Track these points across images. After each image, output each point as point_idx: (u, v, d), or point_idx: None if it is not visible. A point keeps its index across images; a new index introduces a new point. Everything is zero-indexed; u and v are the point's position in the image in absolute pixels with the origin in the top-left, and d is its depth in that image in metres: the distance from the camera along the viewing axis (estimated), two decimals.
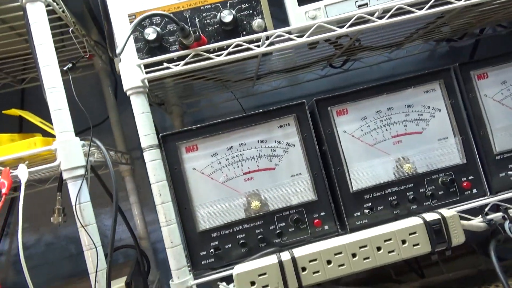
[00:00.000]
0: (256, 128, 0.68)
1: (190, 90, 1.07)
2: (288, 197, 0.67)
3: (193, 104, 1.11)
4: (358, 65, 1.10)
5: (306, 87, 1.12)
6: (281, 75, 1.07)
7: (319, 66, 1.06)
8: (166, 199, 0.62)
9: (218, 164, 0.67)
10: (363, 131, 0.69)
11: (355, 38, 0.79)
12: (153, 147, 0.63)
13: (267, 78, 1.05)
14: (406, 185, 0.68)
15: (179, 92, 1.05)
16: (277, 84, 1.10)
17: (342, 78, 1.12)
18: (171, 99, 1.02)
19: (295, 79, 1.10)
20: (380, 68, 1.15)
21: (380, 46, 1.01)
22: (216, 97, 1.11)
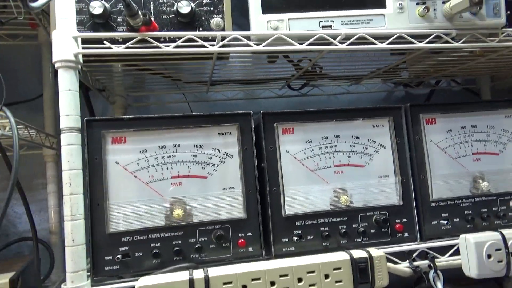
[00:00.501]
0: (194, 131, 0.63)
1: (140, 83, 1.01)
2: (215, 210, 0.62)
3: (141, 98, 1.04)
4: (316, 92, 1.09)
5: (261, 104, 1.09)
6: (237, 87, 1.03)
7: (277, 84, 1.03)
8: (76, 191, 0.55)
9: (145, 162, 0.61)
10: (306, 155, 0.66)
11: (315, 60, 0.77)
12: (74, 130, 0.55)
13: (223, 86, 1.01)
14: (340, 217, 0.66)
15: (127, 83, 0.98)
16: (232, 95, 1.06)
17: (298, 102, 1.10)
18: (116, 88, 0.95)
19: (251, 93, 1.07)
20: (338, 99, 1.14)
21: (340, 76, 1.01)
22: (166, 96, 1.05)
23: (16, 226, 0.99)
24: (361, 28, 0.65)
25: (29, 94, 0.96)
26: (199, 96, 1.06)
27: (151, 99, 1.06)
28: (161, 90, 1.04)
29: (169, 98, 1.05)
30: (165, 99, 1.05)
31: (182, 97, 1.05)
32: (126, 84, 0.98)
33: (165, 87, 1.02)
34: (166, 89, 1.03)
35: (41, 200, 0.97)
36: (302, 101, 1.11)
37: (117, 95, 0.96)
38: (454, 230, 0.68)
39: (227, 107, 1.08)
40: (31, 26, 0.91)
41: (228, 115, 0.64)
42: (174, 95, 1.05)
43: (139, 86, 1.02)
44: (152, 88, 1.04)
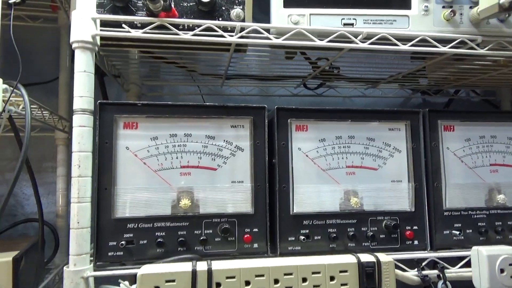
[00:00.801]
0: (207, 121, 0.62)
1: (156, 72, 1.01)
2: (223, 203, 0.61)
3: (155, 88, 1.04)
4: (331, 93, 1.08)
5: (275, 102, 1.08)
6: (253, 82, 1.02)
7: (293, 82, 1.02)
8: (84, 173, 0.54)
9: (155, 150, 0.60)
10: (319, 153, 0.65)
11: (334, 59, 0.75)
12: (86, 112, 0.55)
13: (238, 81, 1.00)
14: (349, 220, 0.64)
15: (142, 71, 0.98)
16: (247, 91, 1.05)
17: (313, 102, 1.09)
18: (131, 76, 0.94)
19: (266, 90, 1.06)
20: (353, 102, 1.13)
21: (357, 78, 0.99)
22: (180, 87, 1.04)
23: (24, 207, 0.99)
24: (384, 28, 0.64)
25: (45, 77, 0.97)
26: (213, 89, 1.05)
27: (165, 89, 1.05)
28: (175, 81, 1.03)
29: (183, 89, 1.04)
30: (179, 91, 1.05)
31: (196, 89, 1.04)
32: (141, 72, 0.97)
33: (180, 77, 1.01)
34: (181, 80, 1.03)
35: (50, 183, 0.98)
36: (317, 101, 1.09)
37: (131, 83, 0.95)
38: (466, 242, 0.66)
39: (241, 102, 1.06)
40: (51, 8, 0.91)
41: (242, 107, 0.63)
42: (188, 87, 1.04)
43: (154, 75, 1.02)
44: (166, 78, 1.04)
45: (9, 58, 0.93)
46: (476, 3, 0.64)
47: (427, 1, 0.64)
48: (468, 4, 0.65)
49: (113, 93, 1.02)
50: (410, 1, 0.64)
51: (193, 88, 1.05)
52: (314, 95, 1.07)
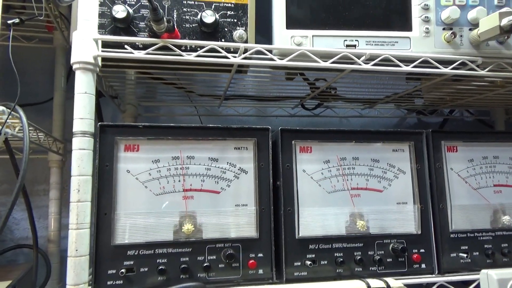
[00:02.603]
0: (210, 143, 0.61)
1: (152, 93, 0.99)
2: (226, 228, 0.59)
3: (151, 109, 1.02)
4: (329, 113, 1.08)
5: (272, 122, 1.07)
6: (250, 103, 1.02)
7: (291, 103, 1.02)
8: (84, 198, 0.52)
9: (157, 173, 0.58)
10: (323, 175, 0.64)
11: (335, 80, 0.75)
12: (87, 134, 0.53)
13: (235, 101, 1.00)
14: (355, 243, 0.63)
15: (139, 92, 0.96)
16: (243, 111, 1.04)
17: (310, 123, 1.09)
18: (128, 96, 0.93)
19: (263, 110, 1.06)
20: (350, 122, 1.13)
21: (355, 99, 1.00)
22: (177, 108, 1.03)
23: (13, 232, 0.95)
24: (386, 50, 0.64)
25: (39, 97, 0.95)
26: (211, 110, 1.04)
27: (162, 110, 1.04)
28: (172, 101, 1.02)
29: (179, 110, 1.03)
30: (176, 111, 1.04)
31: (192, 110, 1.03)
32: (138, 93, 0.96)
33: (177, 98, 1.00)
34: (178, 100, 1.02)
35: (41, 206, 0.94)
36: (314, 122, 1.09)
37: (128, 103, 0.94)
38: (473, 265, 0.65)
39: (238, 123, 1.06)
40: (47, 28, 0.90)
41: (246, 129, 0.62)
42: (185, 108, 1.03)
43: (151, 96, 1.00)
44: (163, 99, 1.03)
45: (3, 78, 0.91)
46: (476, 25, 0.65)
47: (428, 23, 0.65)
48: (467, 26, 0.65)
49: (108, 113, 1.00)
50: (411, 23, 0.65)
51: (189, 109, 1.04)
52: (311, 116, 1.07)
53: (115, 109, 0.99)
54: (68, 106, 0.92)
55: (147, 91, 0.98)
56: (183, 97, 0.99)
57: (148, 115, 1.01)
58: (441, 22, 0.65)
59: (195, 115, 1.03)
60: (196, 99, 1.00)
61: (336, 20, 0.64)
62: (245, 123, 1.06)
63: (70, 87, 0.92)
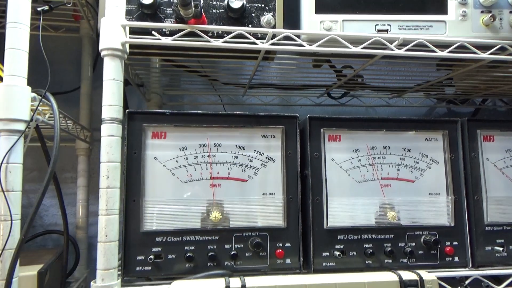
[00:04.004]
0: (237, 131, 0.61)
1: (176, 81, 0.99)
2: (254, 216, 0.59)
3: (175, 98, 1.02)
4: (355, 102, 1.05)
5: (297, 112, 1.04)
6: (275, 92, 1.00)
7: (316, 92, 1.00)
8: (113, 184, 0.52)
9: (184, 160, 0.58)
10: (353, 165, 0.62)
11: (363, 67, 0.73)
12: (115, 121, 0.53)
13: (260, 90, 0.98)
14: (385, 235, 0.61)
15: (163, 81, 0.96)
16: (268, 100, 1.03)
17: (335, 112, 1.06)
18: (153, 85, 0.93)
19: (288, 100, 1.04)
20: (376, 112, 1.10)
21: (382, 87, 0.97)
22: (201, 97, 1.03)
23: (42, 218, 0.97)
24: (420, 34, 0.62)
25: (66, 86, 0.96)
26: (234, 99, 1.03)
27: (185, 99, 1.04)
28: (196, 90, 1.02)
29: (204, 99, 1.03)
30: (200, 100, 1.03)
31: (216, 98, 1.03)
32: (162, 81, 0.96)
33: (201, 87, 1.00)
34: (202, 89, 1.01)
35: (69, 194, 0.96)
36: (339, 111, 1.07)
37: (153, 92, 0.94)
38: (510, 259, 0.63)
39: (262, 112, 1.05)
40: (74, 18, 0.91)
41: (273, 117, 0.62)
42: (209, 97, 1.03)
43: (175, 84, 1.00)
44: (187, 87, 1.03)
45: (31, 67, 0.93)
46: None
47: (465, 6, 0.62)
48: (508, 9, 0.62)
49: (133, 103, 1.01)
50: (447, 6, 0.62)
51: (213, 98, 1.03)
52: (337, 105, 1.04)
53: (140, 99, 1.00)
54: (94, 96, 0.93)
55: (171, 79, 0.98)
56: (207, 86, 0.99)
57: (172, 104, 1.01)
58: (479, 5, 0.62)
59: (219, 104, 1.02)
60: (220, 88, 0.99)
61: (367, 4, 0.62)
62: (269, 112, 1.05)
63: (96, 76, 0.95)
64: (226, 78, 0.94)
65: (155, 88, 0.94)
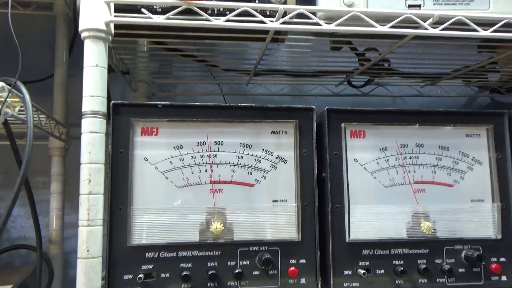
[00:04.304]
0: (242, 126, 0.61)
1: (168, 67, 1.00)
2: (262, 228, 0.60)
3: (167, 87, 1.03)
4: (380, 92, 1.06)
5: (312, 103, 1.06)
6: (285, 79, 1.01)
7: (334, 80, 1.00)
8: (96, 190, 0.53)
9: (179, 161, 0.59)
10: (380, 166, 0.63)
11: (390, 50, 0.73)
12: (99, 114, 0.54)
13: (267, 78, 0.99)
14: (419, 249, 0.62)
15: (153, 67, 0.97)
16: (277, 90, 1.03)
17: (358, 103, 1.07)
18: (140, 72, 0.94)
19: (300, 89, 1.05)
20: (406, 102, 1.11)
21: (413, 74, 0.97)
22: (197, 86, 1.04)
23: (9, 231, 0.98)
24: (459, 10, 0.62)
25: (36, 74, 0.96)
26: (237, 88, 1.04)
27: (179, 88, 1.05)
28: (191, 78, 1.02)
29: (200, 88, 1.04)
30: (196, 90, 1.04)
31: (215, 88, 1.04)
32: (151, 68, 0.97)
33: (197, 74, 1.01)
34: (198, 77, 1.02)
35: (40, 202, 0.97)
36: (362, 102, 1.07)
37: (140, 80, 0.95)
38: None
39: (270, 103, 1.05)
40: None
41: (285, 109, 0.62)
42: (206, 86, 1.03)
43: (166, 71, 1.01)
44: (180, 75, 1.03)
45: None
46: None
47: None
48: None
49: (116, 93, 1.01)
50: None
51: (212, 87, 1.04)
52: (359, 94, 1.05)
53: (125, 89, 1.00)
54: (71, 85, 0.94)
55: (161, 65, 0.98)
56: (204, 73, 1.00)
57: (163, 95, 1.02)
58: None
59: (218, 94, 1.03)
60: (219, 75, 1.00)
61: None
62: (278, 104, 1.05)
63: (73, 62, 0.95)
64: (227, 63, 0.95)
65: (143, 75, 0.95)
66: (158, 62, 0.98)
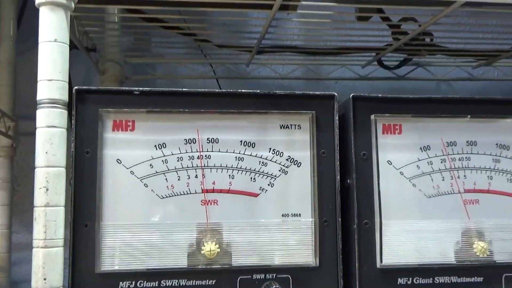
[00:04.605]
0: (243, 119, 0.62)
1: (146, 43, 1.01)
2: (268, 250, 0.60)
3: (144, 68, 1.04)
4: (419, 74, 1.07)
5: (331, 88, 1.07)
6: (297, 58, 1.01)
7: (361, 58, 1.01)
8: (55, 201, 0.53)
9: (163, 164, 0.60)
10: (420, 170, 0.64)
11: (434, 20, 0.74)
12: (58, 104, 0.54)
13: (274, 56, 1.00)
14: (471, 277, 0.63)
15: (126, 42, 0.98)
16: (286, 72, 1.04)
17: (389, 88, 1.08)
18: (110, 49, 0.94)
19: (317, 70, 1.05)
20: (453, 88, 1.11)
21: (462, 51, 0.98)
22: (183, 67, 1.04)
23: None
24: None
25: None
26: (235, 70, 1.04)
27: (159, 70, 1.05)
28: (175, 56, 1.03)
29: (187, 70, 1.04)
30: (181, 72, 1.05)
31: (207, 70, 1.04)
32: (124, 44, 0.98)
33: (183, 52, 1.02)
34: (184, 55, 1.03)
35: None
36: (396, 87, 1.08)
37: (109, 60, 0.95)
38: None
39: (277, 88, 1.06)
40: None
41: (298, 97, 0.63)
42: (195, 67, 1.04)
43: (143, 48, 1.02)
44: (161, 52, 1.04)
45: None
46: None
47: None
48: None
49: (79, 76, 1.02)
50: None
51: (202, 68, 1.05)
52: (393, 78, 1.06)
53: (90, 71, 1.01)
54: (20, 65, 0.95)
55: (137, 40, 0.99)
56: (192, 50, 1.00)
57: (139, 78, 1.02)
58: None
59: (211, 77, 1.04)
60: (212, 53, 1.00)
61: None
62: (287, 88, 1.06)
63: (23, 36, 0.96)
64: (222, 38, 0.95)
65: (113, 53, 0.95)
66: (133, 36, 0.98)
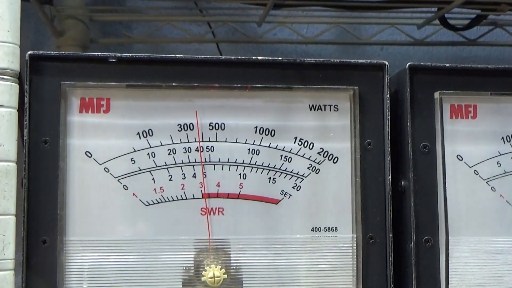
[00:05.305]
0: (257, 97, 0.63)
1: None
2: (293, 276, 0.61)
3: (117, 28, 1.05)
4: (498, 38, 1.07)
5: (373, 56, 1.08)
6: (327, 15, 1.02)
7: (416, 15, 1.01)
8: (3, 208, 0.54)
9: (148, 159, 0.60)
10: (502, 168, 0.64)
11: None
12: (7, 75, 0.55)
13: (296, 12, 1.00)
14: None
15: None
16: (312, 34, 1.04)
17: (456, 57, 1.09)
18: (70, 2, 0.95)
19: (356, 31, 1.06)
20: None
21: None
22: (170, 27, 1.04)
23: None
24: None
25: None
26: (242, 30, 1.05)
27: (138, 31, 1.06)
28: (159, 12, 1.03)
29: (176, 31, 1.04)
30: (167, 33, 1.05)
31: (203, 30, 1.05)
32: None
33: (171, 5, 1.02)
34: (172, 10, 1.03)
35: None
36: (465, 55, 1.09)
37: (70, 17, 0.96)
38: None
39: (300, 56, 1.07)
40: None
41: (334, 66, 0.63)
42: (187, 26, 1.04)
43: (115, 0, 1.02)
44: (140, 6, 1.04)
45: None
46: None
47: None
48: None
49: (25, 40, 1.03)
50: None
51: (196, 29, 1.05)
52: (459, 42, 1.06)
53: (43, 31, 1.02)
54: None
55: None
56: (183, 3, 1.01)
57: (110, 42, 1.03)
58: None
59: (209, 41, 1.04)
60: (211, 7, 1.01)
61: None
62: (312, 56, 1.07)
63: None
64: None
65: (74, 8, 0.96)
66: None
